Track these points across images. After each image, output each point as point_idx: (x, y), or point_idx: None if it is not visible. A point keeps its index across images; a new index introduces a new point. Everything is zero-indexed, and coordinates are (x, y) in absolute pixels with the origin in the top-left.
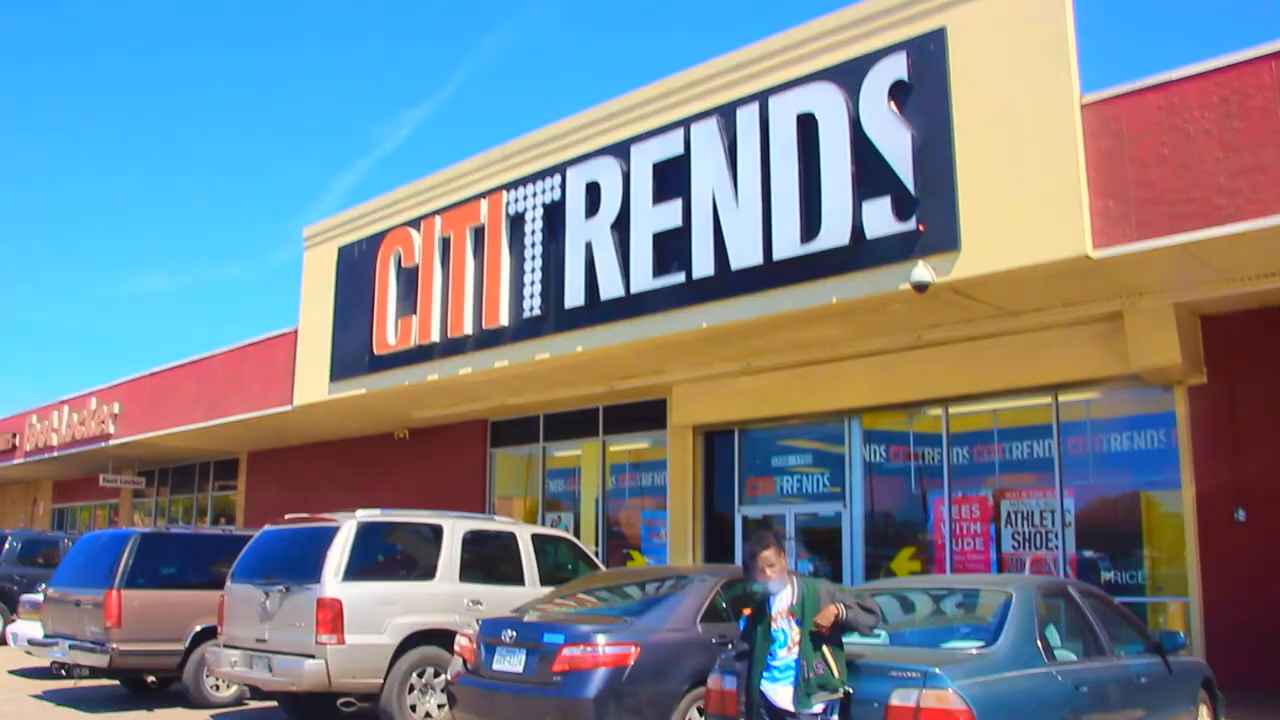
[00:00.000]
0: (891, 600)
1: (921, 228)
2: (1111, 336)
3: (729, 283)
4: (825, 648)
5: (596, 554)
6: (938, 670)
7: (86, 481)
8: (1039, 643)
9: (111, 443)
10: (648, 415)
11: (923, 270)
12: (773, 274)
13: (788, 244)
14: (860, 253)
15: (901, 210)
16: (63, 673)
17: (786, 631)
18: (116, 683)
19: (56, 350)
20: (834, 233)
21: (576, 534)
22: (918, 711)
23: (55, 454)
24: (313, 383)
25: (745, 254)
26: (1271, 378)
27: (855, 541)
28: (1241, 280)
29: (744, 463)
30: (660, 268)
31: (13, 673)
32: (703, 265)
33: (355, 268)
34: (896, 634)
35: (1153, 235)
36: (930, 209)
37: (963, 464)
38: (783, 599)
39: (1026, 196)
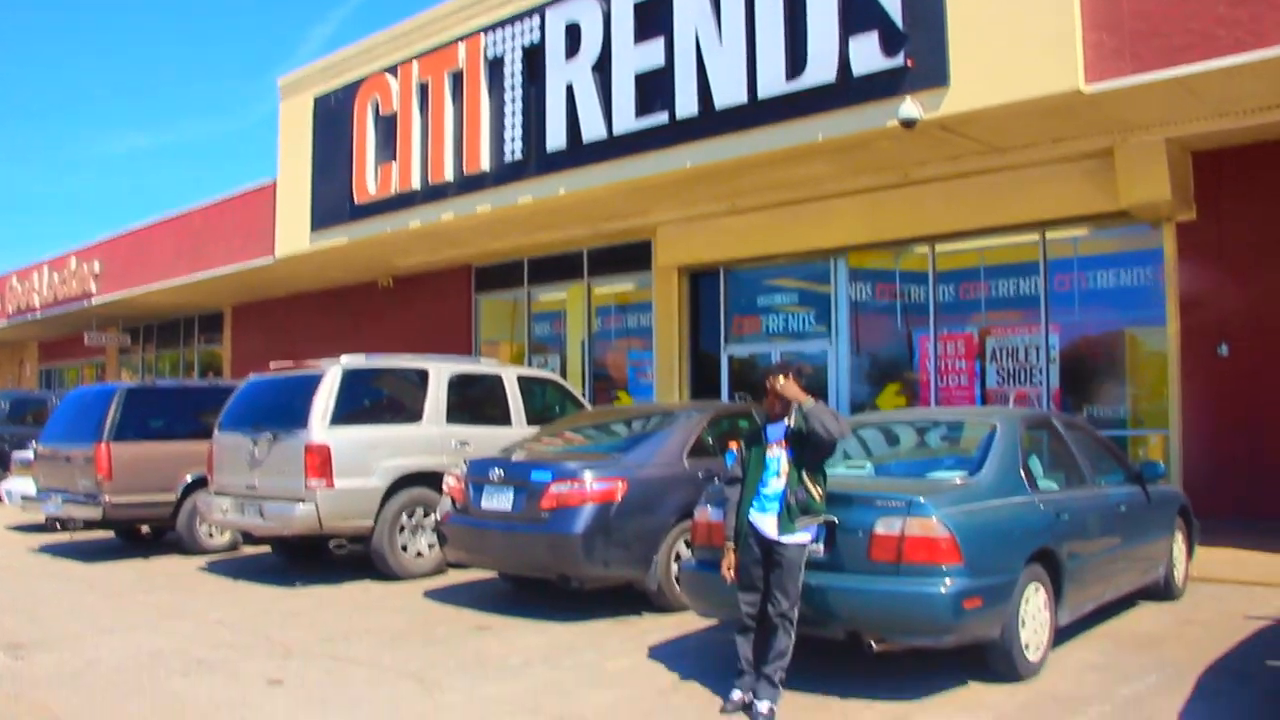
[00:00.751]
0: (877, 433)
1: (909, 63)
2: (1101, 173)
3: (713, 122)
4: (806, 476)
5: (584, 396)
6: (921, 499)
7: (72, 341)
8: (1022, 473)
9: (94, 301)
10: (633, 257)
11: (910, 107)
12: (758, 112)
13: (773, 82)
14: (847, 90)
15: (889, 46)
16: (58, 526)
17: (779, 460)
18: (111, 534)
19: (35, 212)
20: (820, 69)
21: (563, 377)
22: (902, 539)
23: (38, 315)
24: (294, 234)
25: (729, 93)
26: (1261, 213)
27: (841, 379)
28: (1236, 114)
29: (730, 302)
30: (643, 108)
31: (9, 529)
32: (686, 105)
33: (332, 117)
34: (881, 465)
35: (1147, 69)
36: (918, 44)
37: (949, 301)
38: (780, 429)
39: (1017, 30)
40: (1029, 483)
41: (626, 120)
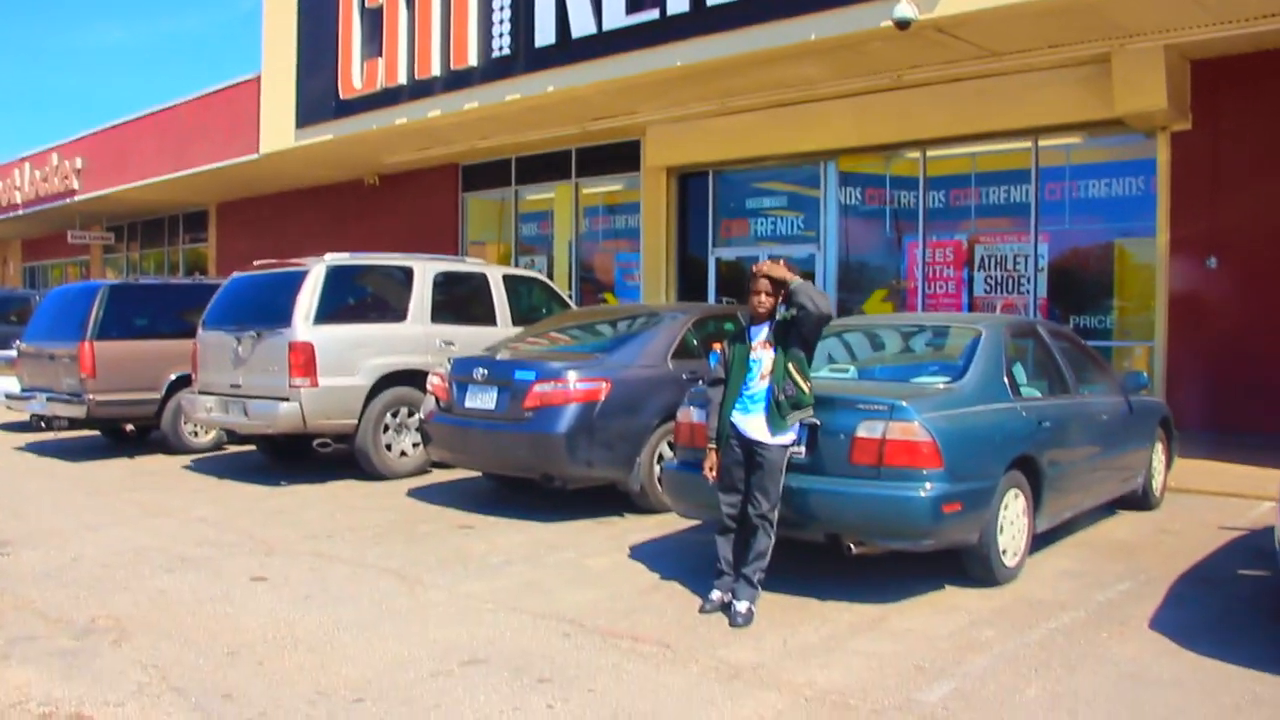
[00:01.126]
0: (862, 337)
1: None
2: (1097, 79)
3: (704, 19)
4: (793, 368)
5: (571, 297)
6: (904, 403)
7: (55, 239)
8: (1005, 379)
9: (76, 199)
10: (621, 157)
11: (905, 7)
12: (750, 10)
13: None
14: None
15: None
16: (42, 425)
17: (761, 360)
18: (96, 433)
19: (12, 106)
20: None
21: (550, 278)
22: (883, 443)
23: (20, 212)
24: (278, 130)
25: None
26: (1258, 124)
27: (828, 284)
28: (1239, 21)
29: (718, 205)
30: (633, 4)
31: None
32: (677, 0)
33: (317, 8)
34: (865, 370)
35: None
36: None
37: (938, 208)
38: (764, 330)
39: None
40: (1012, 389)
41: (616, 16)
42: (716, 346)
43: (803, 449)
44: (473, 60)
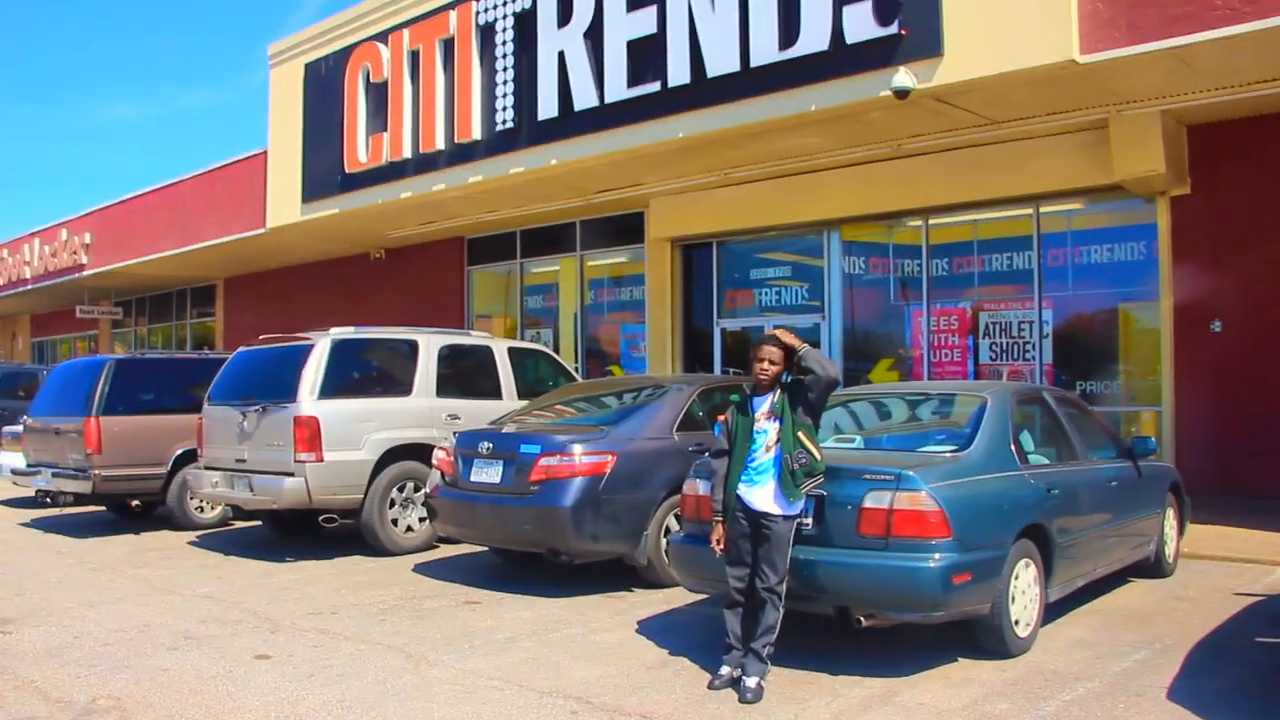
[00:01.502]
0: (867, 406)
1: (904, 32)
2: (1095, 146)
3: (705, 91)
4: (802, 435)
5: (576, 370)
6: (911, 473)
7: (64, 314)
8: (1012, 447)
9: (85, 273)
10: (625, 229)
11: (904, 76)
12: (750, 82)
13: (765, 50)
14: (840, 59)
15: (883, 14)
16: (48, 501)
17: (766, 431)
18: (102, 508)
19: (24, 184)
20: (813, 38)
21: (556, 351)
22: (890, 513)
23: (29, 287)
24: (285, 204)
25: (722, 61)
26: (1256, 187)
27: (834, 353)
28: (1233, 87)
29: (722, 276)
30: (635, 77)
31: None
32: (678, 73)
33: (323, 85)
34: (872, 439)
35: (1143, 40)
36: (913, 13)
37: (942, 276)
38: (767, 401)
39: None
40: (1020, 457)
41: (618, 89)
42: (721, 417)
43: (810, 520)
44: (477, 134)
